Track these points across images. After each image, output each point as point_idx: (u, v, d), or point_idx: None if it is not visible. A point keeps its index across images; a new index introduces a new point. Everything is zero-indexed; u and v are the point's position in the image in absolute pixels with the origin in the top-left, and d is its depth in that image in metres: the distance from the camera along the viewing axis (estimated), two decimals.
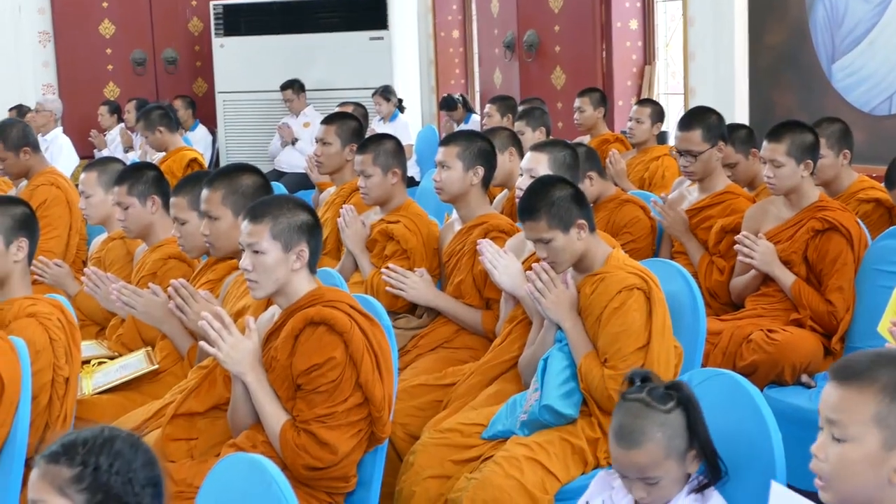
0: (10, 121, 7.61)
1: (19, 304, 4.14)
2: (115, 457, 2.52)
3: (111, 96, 14.48)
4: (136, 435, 2.61)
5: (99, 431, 2.56)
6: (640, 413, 3.11)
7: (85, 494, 2.49)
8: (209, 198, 4.67)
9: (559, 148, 5.31)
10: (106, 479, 2.50)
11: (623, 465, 3.12)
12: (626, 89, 11.22)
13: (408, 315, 5.57)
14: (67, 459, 2.50)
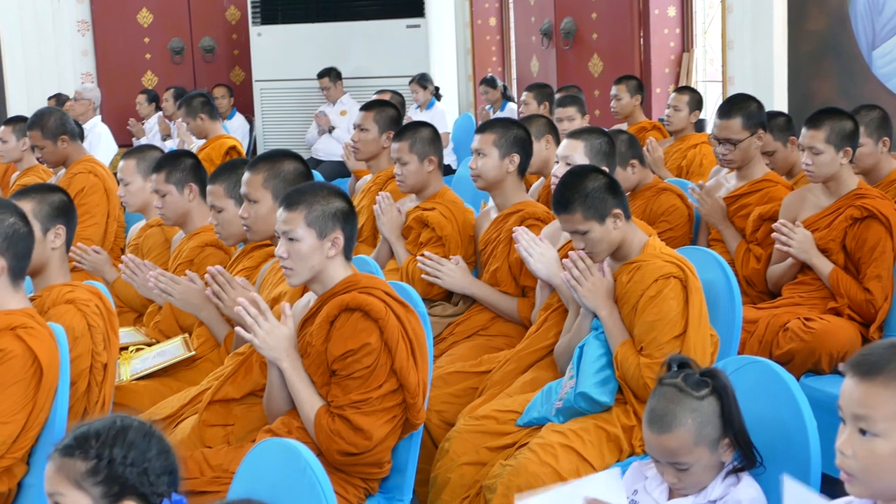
0: (48, 109, 7.65)
1: (58, 291, 4.16)
2: (128, 448, 2.54)
3: (149, 85, 14.54)
4: (149, 423, 2.63)
5: (111, 422, 2.59)
6: (674, 398, 3.12)
7: (101, 487, 2.51)
8: (250, 180, 4.69)
9: (596, 135, 5.29)
10: (121, 471, 2.52)
11: (654, 449, 3.13)
12: (663, 77, 11.17)
13: (443, 303, 5.57)
14: (82, 453, 2.52)
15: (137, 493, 2.53)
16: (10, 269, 3.74)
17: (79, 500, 2.51)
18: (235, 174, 4.98)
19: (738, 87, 8.96)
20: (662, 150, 7.75)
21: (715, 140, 6.05)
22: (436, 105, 12.27)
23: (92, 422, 2.60)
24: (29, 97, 13.39)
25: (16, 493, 3.80)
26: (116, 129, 12.63)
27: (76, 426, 2.61)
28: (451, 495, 4.30)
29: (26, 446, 3.69)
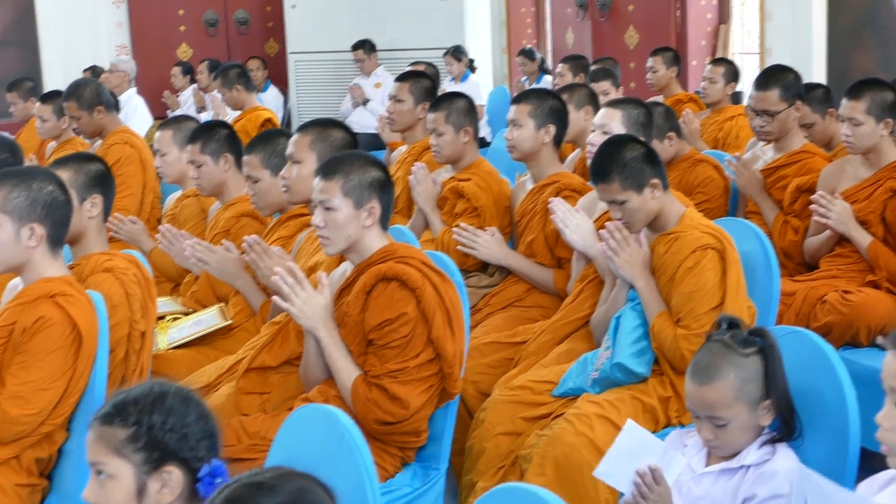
0: (84, 80, 7.67)
1: (96, 260, 4.17)
2: (167, 413, 2.55)
3: (184, 57, 14.55)
4: (186, 389, 2.64)
5: (149, 389, 2.59)
6: (719, 352, 3.13)
7: (141, 453, 2.52)
8: (298, 141, 4.72)
9: (633, 105, 5.27)
10: (161, 437, 2.53)
11: (694, 401, 3.13)
12: (700, 49, 11.10)
13: (479, 273, 5.57)
14: (121, 420, 2.53)
15: (178, 458, 2.54)
16: (48, 237, 3.76)
17: (120, 468, 2.52)
18: (272, 144, 4.99)
19: (776, 59, 8.88)
20: (698, 123, 7.70)
21: (752, 112, 6.00)
22: (470, 77, 12.24)
23: (130, 389, 2.61)
24: (65, 70, 13.42)
25: (56, 460, 3.83)
26: (151, 102, 12.64)
27: (114, 394, 2.62)
28: (486, 465, 4.31)
29: (66, 413, 3.72)
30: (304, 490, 2.03)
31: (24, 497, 3.71)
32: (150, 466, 2.52)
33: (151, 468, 2.52)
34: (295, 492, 2.01)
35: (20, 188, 3.71)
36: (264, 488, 2.00)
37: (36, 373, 3.62)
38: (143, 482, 2.52)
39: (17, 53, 13.99)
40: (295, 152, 4.72)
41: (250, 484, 2.02)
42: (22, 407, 3.59)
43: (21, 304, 3.70)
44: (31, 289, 3.73)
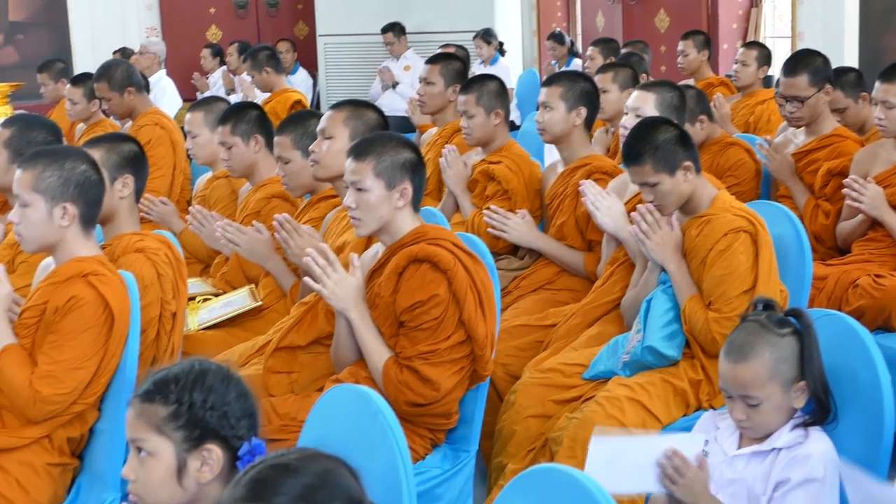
0: (115, 61, 7.69)
1: (128, 240, 4.18)
2: (208, 392, 2.55)
3: (213, 39, 14.57)
4: (226, 367, 2.64)
5: (190, 367, 2.59)
6: (754, 331, 3.12)
7: (182, 431, 2.52)
8: (332, 116, 4.72)
9: (667, 89, 5.25)
10: (202, 415, 2.53)
11: (728, 379, 3.12)
12: (731, 32, 11.04)
13: (509, 256, 5.56)
14: (162, 398, 2.53)
15: (218, 436, 2.54)
16: (81, 217, 3.77)
17: (161, 445, 2.52)
18: (303, 125, 4.99)
19: (808, 43, 8.84)
20: (729, 107, 7.66)
21: (782, 98, 5.97)
22: (500, 61, 12.20)
23: (170, 367, 2.61)
24: (95, 51, 13.45)
25: (87, 439, 3.85)
26: (181, 84, 12.66)
27: (155, 371, 2.61)
28: (516, 447, 4.31)
29: (98, 392, 3.73)
30: (330, 471, 2.02)
31: (56, 476, 3.73)
32: (190, 444, 2.52)
33: (192, 446, 2.52)
34: (320, 473, 2.01)
35: (53, 168, 3.73)
36: (290, 470, 2.00)
37: (68, 352, 3.63)
38: (183, 460, 2.52)
39: (48, 35, 14.04)
40: (328, 127, 4.71)
41: (275, 465, 2.02)
42: (54, 386, 3.61)
43: (53, 284, 3.71)
44: (63, 268, 3.75)
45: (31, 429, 3.68)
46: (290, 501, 1.95)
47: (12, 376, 3.60)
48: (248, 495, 1.97)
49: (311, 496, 1.97)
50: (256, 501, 1.95)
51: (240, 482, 2.00)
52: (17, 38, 14.05)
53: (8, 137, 4.78)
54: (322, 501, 1.97)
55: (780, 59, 9.79)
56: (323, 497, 1.97)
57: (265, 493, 1.96)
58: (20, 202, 3.73)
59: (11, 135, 4.78)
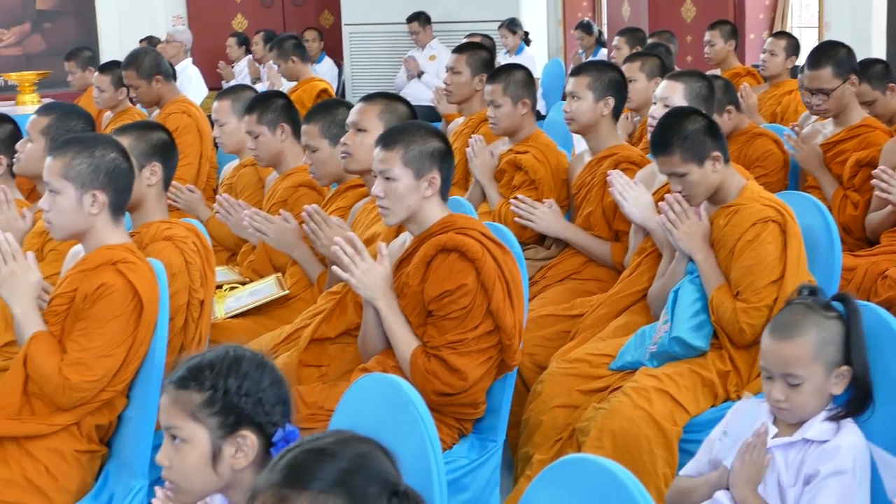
0: (143, 49, 7.71)
1: (156, 228, 4.19)
2: (243, 378, 2.55)
3: (239, 28, 14.59)
4: (260, 354, 2.64)
5: (224, 353, 2.59)
6: (801, 312, 3.13)
7: (217, 418, 2.52)
8: (365, 109, 4.71)
9: (696, 79, 5.24)
10: (237, 402, 2.53)
11: (771, 357, 3.11)
12: (758, 22, 11.00)
13: (536, 246, 5.55)
14: (197, 384, 2.53)
15: (253, 422, 2.54)
16: (110, 205, 3.77)
17: (196, 432, 2.52)
18: (331, 114, 4.99)
19: (835, 34, 8.80)
20: (756, 97, 7.63)
21: (807, 91, 5.94)
22: (525, 50, 12.19)
23: (204, 353, 2.61)
24: (121, 40, 13.50)
25: (115, 427, 3.86)
26: (206, 72, 12.68)
27: (188, 358, 2.61)
28: (542, 437, 4.31)
29: (126, 380, 3.74)
30: (365, 455, 2.02)
31: (84, 463, 3.74)
32: (225, 431, 2.52)
33: (226, 433, 2.52)
34: (356, 457, 2.00)
35: (83, 155, 3.73)
36: (326, 454, 2.00)
37: (97, 339, 3.64)
38: (217, 446, 2.53)
39: (75, 23, 14.10)
40: (361, 120, 4.70)
41: (312, 449, 2.01)
42: (83, 373, 3.61)
43: (83, 271, 3.72)
44: (92, 256, 3.76)
45: (60, 416, 3.69)
46: (326, 487, 1.94)
47: (42, 363, 3.61)
48: (285, 480, 1.97)
49: (347, 481, 1.96)
50: (293, 487, 1.95)
51: (276, 467, 2.00)
52: (45, 27, 14.10)
53: (46, 125, 4.79)
54: (358, 486, 1.96)
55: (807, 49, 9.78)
56: (359, 482, 1.97)
57: (302, 478, 1.96)
58: (50, 189, 3.74)
59: (50, 123, 4.80)
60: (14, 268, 3.73)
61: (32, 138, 4.80)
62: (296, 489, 1.95)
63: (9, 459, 3.65)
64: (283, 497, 1.95)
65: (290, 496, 1.95)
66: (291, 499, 1.94)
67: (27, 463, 3.65)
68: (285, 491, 1.95)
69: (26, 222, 4.72)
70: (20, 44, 14.07)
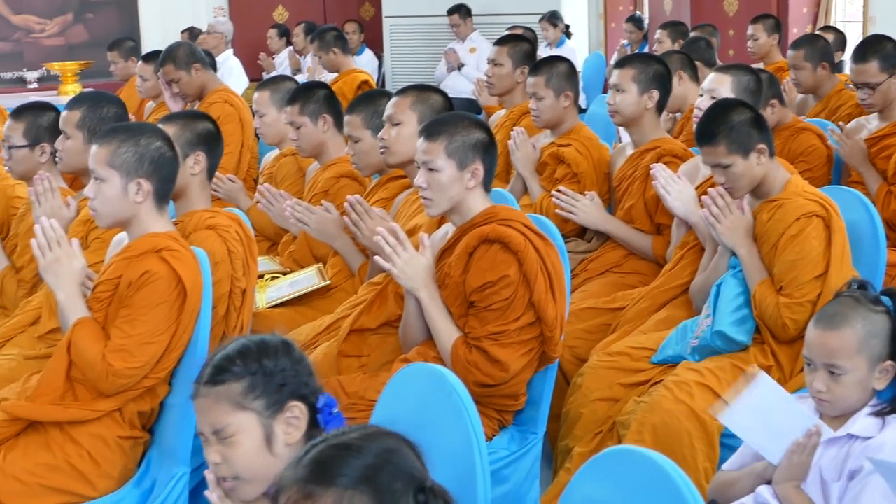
0: (175, 43, 7.69)
1: (199, 217, 4.20)
2: (274, 356, 2.59)
3: (280, 20, 14.61)
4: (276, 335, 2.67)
5: (245, 342, 2.63)
6: (848, 304, 3.12)
7: (263, 399, 2.55)
8: (397, 102, 4.71)
9: (744, 72, 5.22)
10: (278, 378, 2.56)
11: (815, 347, 3.10)
12: (801, 16, 10.93)
13: (577, 239, 5.54)
14: (233, 375, 2.55)
15: (298, 394, 2.56)
16: (155, 193, 3.79)
17: (244, 421, 2.54)
18: (373, 105, 4.99)
19: (880, 28, 8.75)
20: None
21: (854, 86, 5.91)
22: (566, 43, 12.15)
23: (223, 348, 2.64)
24: (163, 31, 13.56)
25: (157, 414, 3.88)
26: (247, 64, 12.70)
27: (210, 357, 2.65)
28: (583, 430, 4.30)
29: (169, 367, 3.75)
30: (392, 451, 2.02)
31: (126, 450, 3.76)
32: (273, 410, 2.55)
33: (275, 411, 2.56)
34: (382, 453, 2.00)
35: (128, 143, 3.75)
36: (352, 450, 2.00)
37: (140, 326, 3.65)
38: (269, 428, 2.55)
39: (117, 14, 14.18)
40: (395, 113, 4.71)
41: (337, 445, 2.02)
42: (126, 360, 3.63)
43: (127, 259, 3.73)
44: (136, 243, 3.77)
45: (103, 402, 3.70)
46: (351, 483, 1.95)
47: (86, 349, 3.63)
48: (310, 477, 1.97)
49: (372, 477, 1.96)
50: (318, 483, 1.95)
51: (301, 462, 2.01)
52: (87, 17, 14.19)
53: (80, 118, 4.79)
54: (384, 482, 1.97)
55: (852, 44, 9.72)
56: (385, 478, 1.97)
57: (327, 474, 1.96)
58: (95, 177, 3.76)
59: (83, 115, 4.80)
60: (59, 254, 3.76)
61: (70, 134, 4.78)
62: (321, 485, 1.95)
63: (52, 445, 3.67)
64: (309, 493, 1.96)
65: (316, 492, 1.95)
66: (317, 495, 1.95)
67: (70, 448, 3.67)
68: (311, 487, 1.96)
69: (70, 210, 4.74)
70: (63, 34, 14.16)
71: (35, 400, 3.71)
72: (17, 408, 3.70)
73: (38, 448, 3.67)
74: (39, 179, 4.73)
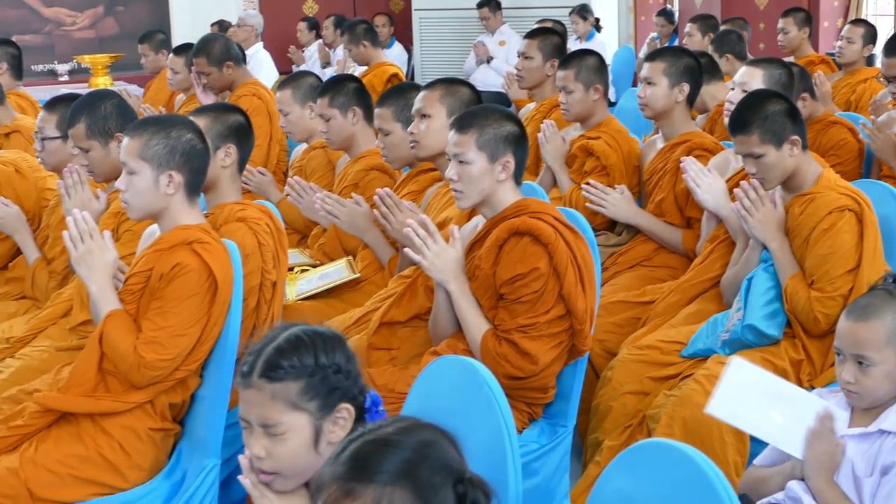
0: (213, 36, 7.71)
1: (230, 209, 4.21)
2: (331, 355, 2.57)
3: (310, 13, 14.63)
4: (327, 328, 2.66)
5: (299, 334, 2.60)
6: (881, 297, 3.10)
7: (317, 401, 2.54)
8: (426, 96, 4.71)
9: (775, 65, 5.20)
10: (333, 381, 2.55)
11: (845, 337, 3.08)
12: (832, 10, 10.87)
13: (606, 232, 5.54)
14: (291, 373, 2.54)
15: (348, 396, 2.57)
16: (186, 185, 3.80)
17: (297, 421, 2.54)
18: (404, 98, 4.99)
19: None
20: (830, 85, 7.55)
21: (885, 79, 5.87)
22: (596, 37, 12.13)
23: (273, 338, 2.61)
24: (193, 23, 13.59)
25: (189, 405, 3.89)
26: (277, 57, 12.71)
27: (258, 346, 2.61)
28: (612, 424, 4.30)
29: (200, 359, 3.76)
30: (429, 443, 2.01)
31: (157, 441, 3.78)
32: (325, 412, 2.55)
33: (326, 412, 2.55)
34: (419, 447, 2.00)
35: (159, 136, 3.76)
36: (389, 445, 1.99)
37: (172, 318, 3.66)
38: (318, 427, 2.55)
39: (147, 7, 14.21)
40: (424, 107, 4.72)
41: (374, 440, 2.01)
42: (157, 352, 3.64)
43: (158, 251, 3.75)
44: (168, 236, 3.78)
45: (135, 394, 3.72)
46: (391, 479, 1.94)
47: (117, 341, 3.65)
48: (350, 474, 1.96)
49: (411, 471, 1.96)
50: (358, 480, 1.95)
51: (339, 459, 2.00)
52: (118, 10, 14.23)
53: (86, 128, 4.64)
54: (423, 476, 1.96)
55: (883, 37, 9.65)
56: (424, 471, 1.97)
57: (366, 470, 1.96)
58: (127, 170, 3.77)
59: (87, 125, 4.65)
60: (91, 246, 3.78)
61: (86, 147, 4.68)
62: (361, 482, 1.95)
63: (84, 436, 3.69)
64: (349, 491, 1.95)
65: (356, 489, 1.95)
66: (357, 492, 1.94)
67: (102, 440, 3.68)
68: (351, 485, 1.95)
69: (101, 203, 4.76)
70: (93, 27, 14.20)
71: (67, 391, 3.72)
72: (50, 399, 3.72)
73: (69, 439, 3.69)
74: (69, 172, 4.75)
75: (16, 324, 4.84)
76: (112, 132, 4.67)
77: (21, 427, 3.72)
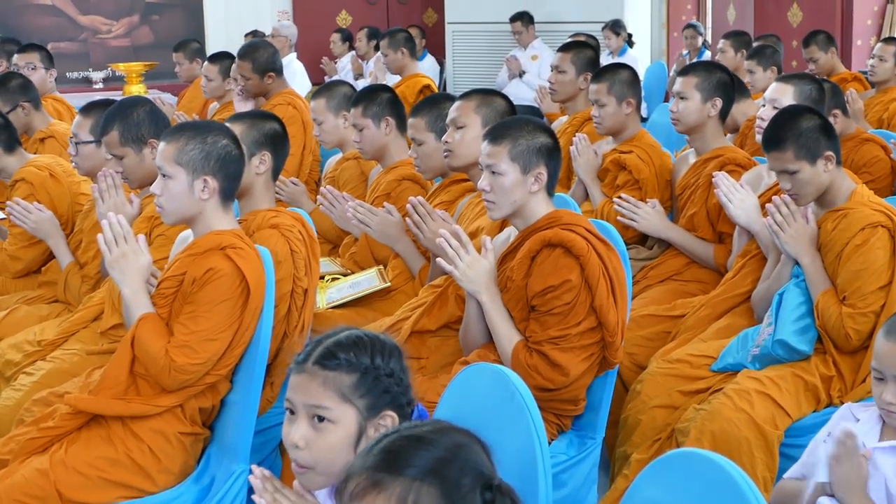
0: (262, 42, 7.73)
1: (263, 216, 4.23)
2: (388, 359, 2.58)
3: (343, 24, 14.68)
4: (387, 336, 2.66)
5: (361, 333, 2.61)
6: None
7: (366, 399, 2.55)
8: (462, 106, 4.72)
9: (806, 81, 5.20)
10: (385, 383, 2.56)
11: (884, 358, 3.02)
12: (865, 29, 10.84)
13: (638, 246, 5.53)
14: (347, 365, 2.54)
15: (396, 403, 2.57)
16: (220, 191, 3.82)
17: (346, 413, 2.54)
18: (437, 108, 5.00)
19: None
20: (862, 102, 7.53)
21: None
22: (628, 52, 12.12)
23: (334, 335, 2.62)
24: (227, 33, 13.68)
25: (219, 410, 3.90)
26: (310, 67, 12.77)
27: (321, 338, 2.62)
28: (641, 437, 4.29)
29: (231, 364, 3.77)
30: (461, 446, 2.03)
31: (187, 445, 3.79)
32: (371, 413, 2.55)
33: (373, 414, 2.55)
34: (452, 447, 2.01)
35: (195, 141, 3.78)
36: (423, 442, 2.01)
37: (204, 323, 3.67)
38: (362, 428, 2.55)
39: (182, 16, 14.31)
40: (459, 117, 4.72)
41: (409, 437, 2.03)
42: (188, 356, 3.65)
43: (191, 255, 3.76)
44: (201, 240, 3.80)
45: (165, 397, 3.73)
46: (420, 474, 1.96)
47: (149, 345, 3.66)
48: (380, 465, 1.98)
49: (441, 470, 1.97)
50: (388, 472, 1.96)
51: (372, 451, 2.01)
52: (153, 19, 14.33)
53: (120, 135, 4.70)
54: (452, 476, 1.97)
55: None
56: (453, 471, 1.98)
57: (397, 464, 1.97)
58: (162, 174, 3.79)
59: (120, 131, 4.71)
60: (125, 249, 3.79)
61: (119, 154, 4.73)
62: (390, 474, 1.96)
63: (114, 439, 3.70)
64: (378, 481, 1.96)
65: (384, 481, 1.96)
66: (385, 483, 1.96)
67: (132, 443, 3.70)
68: (380, 475, 1.97)
69: (134, 208, 4.79)
70: (129, 35, 14.31)
71: (98, 394, 3.74)
72: (81, 401, 3.73)
73: (99, 442, 3.70)
74: (103, 176, 4.79)
75: (48, 327, 4.88)
76: (145, 138, 4.71)
77: (51, 429, 3.74)
